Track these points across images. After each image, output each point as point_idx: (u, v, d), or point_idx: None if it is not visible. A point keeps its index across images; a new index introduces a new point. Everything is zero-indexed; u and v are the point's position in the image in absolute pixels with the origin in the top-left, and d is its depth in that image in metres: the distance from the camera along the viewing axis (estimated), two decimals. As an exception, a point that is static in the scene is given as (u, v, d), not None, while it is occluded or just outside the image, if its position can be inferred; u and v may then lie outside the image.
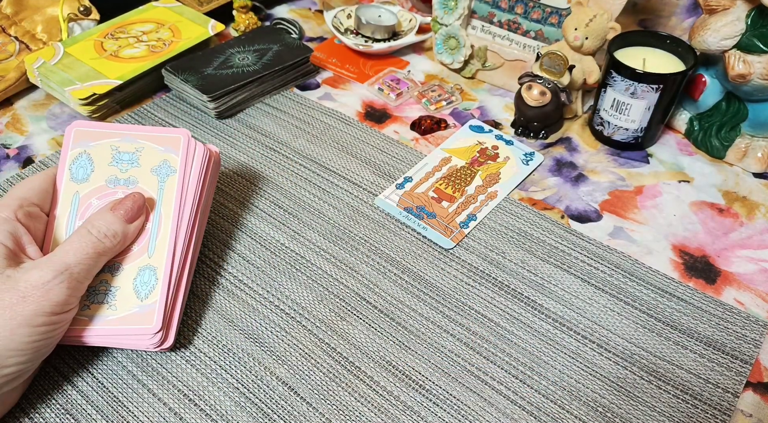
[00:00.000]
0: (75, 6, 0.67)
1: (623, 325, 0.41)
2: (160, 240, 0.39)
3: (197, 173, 0.41)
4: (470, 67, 0.64)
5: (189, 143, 0.41)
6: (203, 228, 0.44)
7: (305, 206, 0.50)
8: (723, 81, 0.51)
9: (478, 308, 0.42)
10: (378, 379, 0.38)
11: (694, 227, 0.48)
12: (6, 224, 0.34)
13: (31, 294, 0.32)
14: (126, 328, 0.36)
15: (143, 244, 0.39)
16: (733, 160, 0.53)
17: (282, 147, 0.56)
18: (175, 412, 0.36)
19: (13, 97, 0.62)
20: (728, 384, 0.37)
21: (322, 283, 0.43)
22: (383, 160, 0.54)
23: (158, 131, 0.41)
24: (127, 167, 0.40)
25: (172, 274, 0.38)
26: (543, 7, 0.59)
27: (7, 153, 0.56)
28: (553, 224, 0.48)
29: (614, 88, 0.51)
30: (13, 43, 0.65)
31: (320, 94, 0.63)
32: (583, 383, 0.37)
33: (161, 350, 0.38)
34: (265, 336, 0.40)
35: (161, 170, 0.40)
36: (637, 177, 0.52)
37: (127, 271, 0.38)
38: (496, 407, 0.36)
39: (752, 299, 0.42)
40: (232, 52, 0.62)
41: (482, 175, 0.52)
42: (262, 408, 0.36)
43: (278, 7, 0.78)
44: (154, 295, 0.37)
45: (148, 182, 0.40)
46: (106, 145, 0.41)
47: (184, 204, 0.40)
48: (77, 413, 0.36)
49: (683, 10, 0.65)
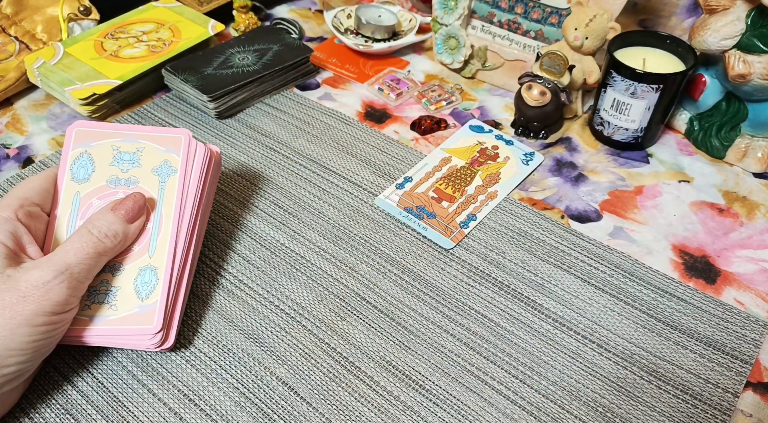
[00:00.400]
0: (75, 6, 0.67)
1: (623, 325, 0.41)
2: (161, 240, 0.39)
3: (198, 173, 0.41)
4: (470, 67, 0.64)
5: (190, 143, 0.41)
6: (204, 228, 0.44)
7: (305, 206, 0.50)
8: (723, 81, 0.51)
9: (478, 308, 0.42)
10: (378, 379, 0.38)
11: (694, 227, 0.48)
12: (6, 224, 0.34)
13: (32, 294, 0.32)
14: (126, 328, 0.36)
15: (144, 244, 0.39)
16: (733, 160, 0.53)
17: (282, 147, 0.56)
18: (175, 412, 0.36)
19: (13, 97, 0.62)
20: (728, 384, 0.37)
21: (322, 283, 0.43)
22: (383, 160, 0.54)
23: (159, 131, 0.41)
24: (128, 167, 0.40)
25: (172, 274, 0.38)
26: (543, 7, 0.59)
27: (7, 153, 0.56)
28: (553, 224, 0.48)
29: (614, 88, 0.51)
30: (13, 43, 0.65)
31: (320, 94, 0.63)
32: (583, 383, 0.37)
33: (161, 350, 0.38)
34: (265, 336, 0.40)
35: (162, 170, 0.40)
36: (637, 177, 0.52)
37: (128, 271, 0.38)
38: (496, 407, 0.36)
39: (752, 299, 0.42)
40: (232, 52, 0.62)
41: (482, 175, 0.52)
42: (262, 408, 0.36)
43: (278, 7, 0.78)
44: (154, 295, 0.37)
45: (149, 182, 0.40)
46: (107, 145, 0.41)
47: (185, 204, 0.40)
48: (77, 413, 0.36)
49: (683, 10, 0.65)
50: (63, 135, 0.57)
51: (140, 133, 0.41)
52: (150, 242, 0.39)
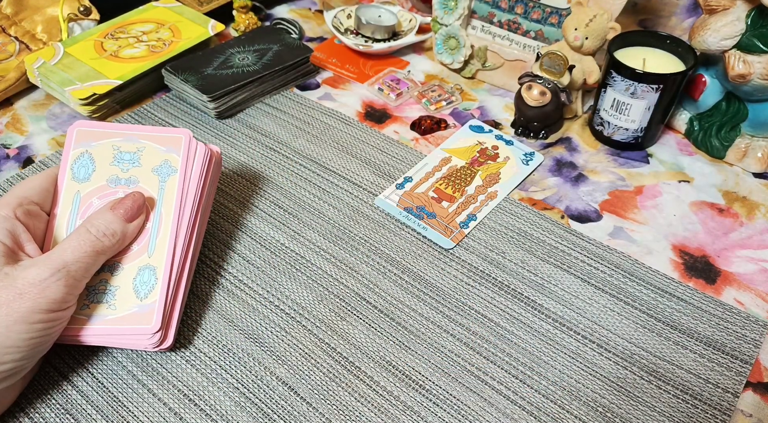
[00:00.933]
0: (75, 6, 0.67)
1: (623, 325, 0.41)
2: (160, 240, 0.39)
3: (198, 173, 0.41)
4: (470, 67, 0.64)
5: (190, 143, 0.41)
6: (204, 228, 0.44)
7: (305, 206, 0.50)
8: (723, 81, 0.51)
9: (478, 308, 0.42)
10: (378, 379, 0.38)
11: (694, 227, 0.48)
12: (5, 222, 0.35)
13: (28, 291, 0.32)
14: (125, 328, 0.36)
15: (143, 244, 0.39)
16: (733, 160, 0.53)
17: (282, 147, 0.56)
18: (175, 412, 0.36)
19: (13, 97, 0.62)
20: (728, 384, 0.37)
21: (322, 283, 0.43)
22: (383, 160, 0.54)
23: (160, 131, 0.41)
24: (128, 167, 0.40)
25: (171, 273, 0.38)
26: (543, 7, 0.59)
27: (7, 153, 0.56)
28: (553, 224, 0.48)
29: (614, 88, 0.51)
30: (13, 43, 0.65)
31: (320, 94, 0.63)
32: (583, 383, 0.37)
33: (161, 350, 0.38)
34: (265, 336, 0.40)
35: (162, 170, 0.40)
36: (637, 177, 0.52)
37: (127, 270, 0.38)
38: (496, 407, 0.36)
39: (752, 299, 0.42)
40: (232, 52, 0.62)
41: (482, 175, 0.52)
42: (262, 408, 0.36)
43: (278, 7, 0.78)
44: (153, 294, 0.37)
45: (148, 182, 0.40)
46: (107, 145, 0.41)
47: (184, 204, 0.40)
48: (77, 413, 0.36)
49: (683, 10, 0.65)
50: (63, 135, 0.57)
51: (141, 133, 0.41)
52: (149, 242, 0.39)
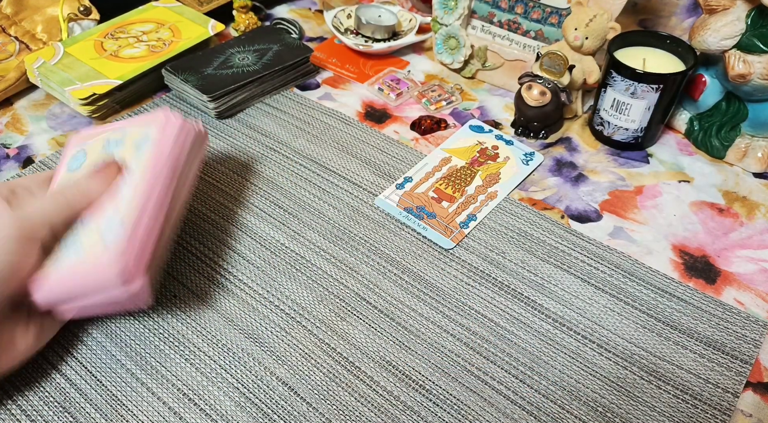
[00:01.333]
0: (75, 6, 0.67)
1: (623, 325, 0.41)
2: (132, 196, 0.38)
3: (172, 136, 0.41)
4: (470, 67, 0.64)
5: (168, 116, 0.42)
6: (184, 197, 0.44)
7: (305, 206, 0.50)
8: (723, 81, 0.51)
9: (478, 308, 0.42)
10: (378, 379, 0.38)
11: (694, 227, 0.48)
12: None
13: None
14: (88, 267, 0.35)
15: (116, 202, 0.38)
16: (733, 160, 0.53)
17: (282, 147, 0.56)
18: (174, 412, 0.36)
19: (13, 97, 0.62)
20: (728, 384, 0.37)
21: (322, 283, 0.43)
22: (383, 160, 0.54)
23: (144, 116, 0.43)
24: (114, 149, 0.41)
25: (140, 224, 0.37)
26: (543, 7, 0.59)
27: (7, 153, 0.56)
28: (553, 224, 0.48)
29: (614, 88, 0.51)
30: (13, 43, 0.65)
31: (320, 94, 0.63)
32: (583, 383, 0.37)
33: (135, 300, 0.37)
34: (265, 336, 0.40)
35: (141, 142, 0.41)
36: (637, 177, 0.52)
37: (96, 223, 0.37)
38: (496, 407, 0.36)
39: (752, 299, 0.42)
40: (232, 52, 0.62)
41: (482, 175, 0.52)
42: (262, 408, 0.36)
43: (278, 7, 0.78)
44: (120, 240, 0.36)
45: (128, 153, 0.41)
46: (100, 140, 0.42)
47: (158, 164, 0.40)
48: (76, 412, 0.36)
49: (683, 10, 0.65)
50: (63, 135, 0.57)
51: (129, 123, 0.43)
52: (122, 200, 0.38)
